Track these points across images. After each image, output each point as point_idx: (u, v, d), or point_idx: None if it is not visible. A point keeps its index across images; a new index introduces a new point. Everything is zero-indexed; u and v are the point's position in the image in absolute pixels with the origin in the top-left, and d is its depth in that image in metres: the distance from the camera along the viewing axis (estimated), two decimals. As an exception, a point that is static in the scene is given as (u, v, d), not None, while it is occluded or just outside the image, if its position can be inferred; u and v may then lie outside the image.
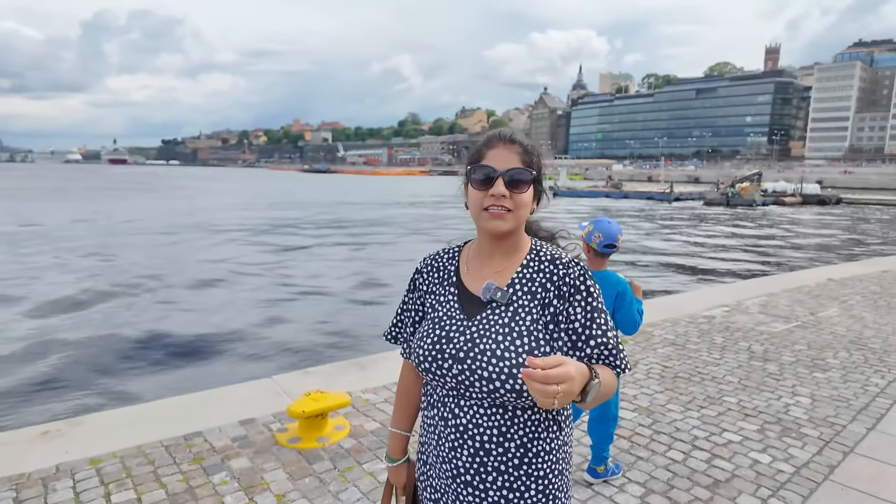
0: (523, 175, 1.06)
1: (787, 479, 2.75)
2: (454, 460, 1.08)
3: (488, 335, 1.05)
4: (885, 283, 7.82)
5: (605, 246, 2.51)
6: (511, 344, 1.03)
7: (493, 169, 1.05)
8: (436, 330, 1.10)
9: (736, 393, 3.85)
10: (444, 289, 1.16)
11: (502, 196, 1.04)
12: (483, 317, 1.07)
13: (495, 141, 1.09)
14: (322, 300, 10.40)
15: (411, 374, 1.27)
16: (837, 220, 29.52)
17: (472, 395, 1.05)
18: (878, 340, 5.08)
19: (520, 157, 1.07)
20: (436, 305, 1.15)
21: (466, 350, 1.04)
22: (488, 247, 1.13)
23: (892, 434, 3.26)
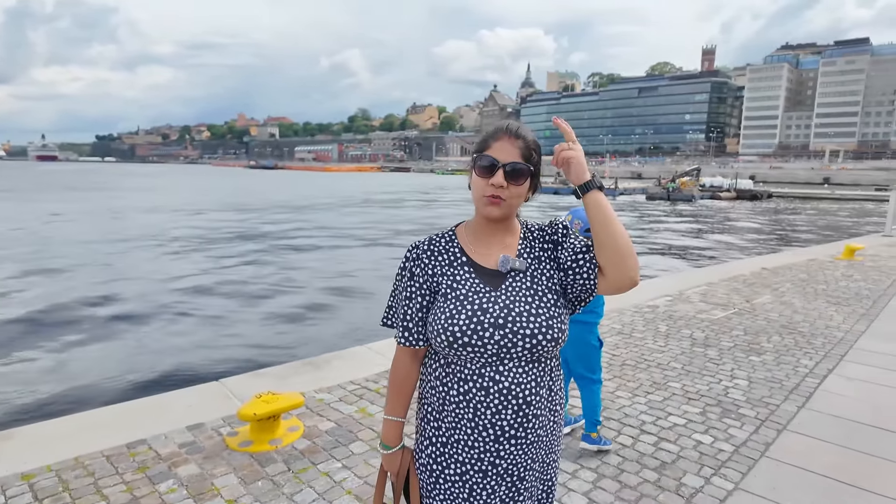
0: (522, 169, 1.17)
1: (728, 458, 2.90)
2: (499, 423, 1.17)
3: (519, 299, 1.18)
4: (811, 270, 8.36)
5: (585, 231, 2.66)
6: (540, 301, 1.19)
7: (496, 160, 1.16)
8: (467, 305, 1.18)
9: (680, 378, 4.03)
10: (457, 269, 1.24)
11: (501, 186, 1.16)
12: (507, 285, 1.20)
13: (501, 134, 1.20)
14: (272, 302, 10.14)
15: (410, 361, 1.30)
16: (769, 213, 31.31)
17: (511, 357, 1.16)
18: (806, 324, 5.42)
19: (521, 152, 1.18)
20: (454, 285, 1.22)
21: (504, 315, 1.16)
22: (489, 228, 1.25)
23: (819, 411, 3.49)
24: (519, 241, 1.28)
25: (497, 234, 1.26)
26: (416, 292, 1.25)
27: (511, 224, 1.27)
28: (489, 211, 1.19)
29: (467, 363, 1.18)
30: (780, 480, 2.70)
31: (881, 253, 10.01)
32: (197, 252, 15.38)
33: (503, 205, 1.18)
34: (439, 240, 1.28)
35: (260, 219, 24.96)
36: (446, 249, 1.27)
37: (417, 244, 1.28)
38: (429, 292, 1.24)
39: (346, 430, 3.15)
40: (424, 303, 1.24)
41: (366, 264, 14.23)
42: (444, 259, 1.25)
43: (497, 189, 1.16)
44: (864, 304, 6.20)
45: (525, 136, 1.19)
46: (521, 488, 1.24)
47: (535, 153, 1.20)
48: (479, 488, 1.22)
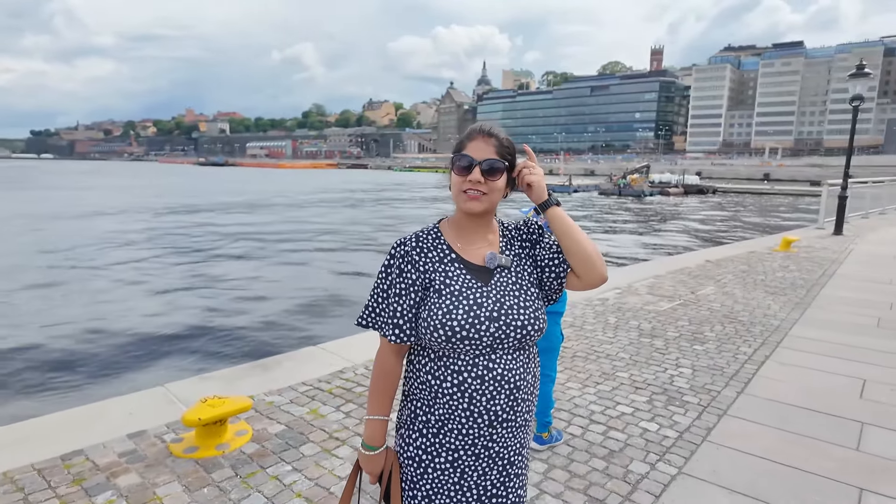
0: (497, 165, 1.26)
1: (672, 444, 3.01)
2: (493, 408, 1.25)
3: (508, 293, 1.28)
4: (751, 262, 8.77)
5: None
6: (526, 295, 1.29)
7: (472, 158, 1.25)
8: (463, 300, 1.25)
9: (628, 368, 4.15)
10: (447, 265, 1.30)
11: (478, 182, 1.24)
12: (496, 281, 1.29)
13: (476, 134, 1.29)
14: (212, 300, 9.85)
15: (396, 359, 1.33)
16: (714, 208, 32.67)
17: (504, 347, 1.25)
18: (745, 314, 5.68)
19: (495, 150, 1.27)
20: (447, 281, 1.27)
21: (498, 308, 1.25)
22: (471, 225, 1.33)
23: (756, 396, 3.67)
24: (500, 238, 1.37)
25: (480, 230, 1.33)
26: (408, 289, 1.28)
27: (491, 221, 1.36)
28: (470, 206, 1.26)
29: (461, 355, 1.24)
30: (720, 464, 2.81)
31: (814, 244, 10.60)
32: (137, 253, 14.77)
33: (483, 199, 1.25)
34: (426, 236, 1.33)
35: (205, 220, 24.20)
36: (434, 246, 1.32)
37: (405, 241, 1.31)
38: (420, 289, 1.28)
39: (297, 432, 3.09)
40: (417, 299, 1.28)
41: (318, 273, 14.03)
42: (434, 256, 1.30)
43: (475, 185, 1.24)
44: (799, 294, 6.55)
45: (498, 135, 1.28)
46: (511, 473, 1.33)
47: (509, 151, 1.29)
48: (471, 470, 1.29)
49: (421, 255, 1.29)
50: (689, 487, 2.61)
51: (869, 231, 12.62)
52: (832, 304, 6.04)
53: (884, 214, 16.20)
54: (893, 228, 13.33)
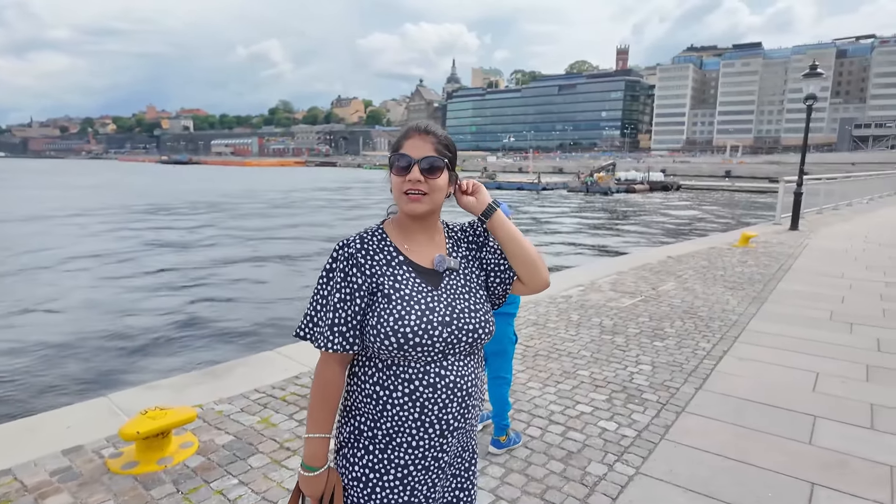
0: (437, 162, 1.21)
1: (630, 443, 2.99)
2: (445, 416, 1.20)
3: (459, 296, 1.25)
4: (712, 257, 8.94)
5: None
6: (476, 297, 1.27)
7: (410, 157, 1.20)
8: (414, 305, 1.19)
9: (588, 366, 4.14)
10: (395, 269, 1.24)
11: (418, 181, 1.19)
12: (446, 284, 1.25)
13: (412, 132, 1.24)
14: (165, 303, 9.53)
15: (340, 369, 1.24)
16: (678, 204, 33.40)
17: (455, 353, 1.21)
18: (705, 309, 5.76)
19: (433, 147, 1.22)
20: (396, 285, 1.21)
21: (449, 312, 1.21)
22: (415, 226, 1.27)
23: (714, 391, 3.70)
24: (446, 239, 1.33)
25: (425, 232, 1.29)
26: (353, 293, 1.20)
27: (436, 222, 1.32)
28: (412, 207, 1.21)
29: (412, 362, 1.19)
30: (677, 462, 2.81)
31: (771, 240, 10.89)
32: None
33: (425, 199, 1.21)
34: (370, 238, 1.26)
35: (160, 223, 23.51)
36: (380, 248, 1.26)
37: (349, 242, 1.24)
38: (367, 294, 1.21)
39: (246, 442, 2.96)
40: (363, 305, 1.21)
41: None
42: (381, 259, 1.24)
43: (415, 184, 1.19)
44: (756, 288, 6.69)
45: (436, 132, 1.24)
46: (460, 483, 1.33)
47: (448, 148, 1.25)
48: (421, 485, 1.23)
49: (367, 258, 1.22)
50: (645, 488, 2.59)
51: (823, 226, 13.06)
52: (787, 298, 6.18)
53: (836, 210, 16.80)
54: (845, 223, 13.83)
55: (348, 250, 1.23)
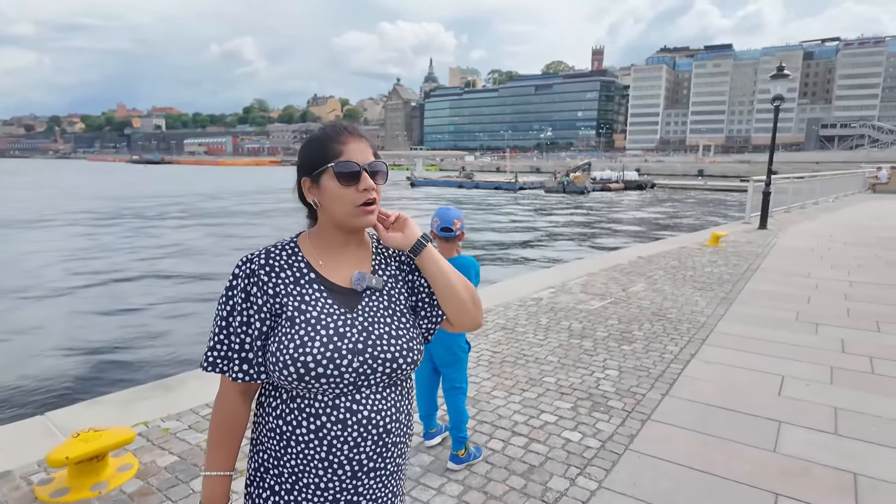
0: (381, 167, 1.12)
1: (594, 455, 2.90)
2: (357, 457, 1.07)
3: (378, 320, 1.10)
4: (682, 257, 8.98)
5: (441, 229, 2.63)
6: (399, 322, 1.11)
7: (358, 164, 1.08)
8: (320, 330, 1.05)
9: (555, 372, 4.05)
10: (304, 287, 1.10)
11: (373, 188, 1.09)
12: (364, 305, 1.10)
13: (346, 136, 1.10)
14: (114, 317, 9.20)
15: (242, 400, 1.13)
16: (652, 203, 33.82)
17: (370, 384, 1.07)
18: (674, 310, 5.74)
19: (372, 150, 1.12)
20: (302, 306, 1.07)
21: (364, 339, 1.06)
22: (339, 240, 1.14)
23: (680, 397, 3.64)
24: (372, 255, 1.19)
25: (349, 246, 1.16)
26: (254, 316, 1.07)
27: (363, 236, 1.19)
28: (367, 220, 1.11)
29: (318, 395, 1.05)
30: (641, 474, 2.73)
31: (740, 239, 11.01)
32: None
33: (375, 209, 1.12)
34: (279, 253, 1.12)
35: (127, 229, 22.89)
36: (289, 264, 1.11)
37: (251, 258, 1.10)
38: (269, 316, 1.08)
39: (190, 463, 2.78)
40: (265, 329, 1.08)
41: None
42: (288, 276, 1.10)
43: (371, 192, 1.09)
44: (725, 289, 6.71)
45: (366, 135, 1.13)
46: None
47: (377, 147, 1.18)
48: None
49: (272, 276, 1.09)
50: (608, 503, 2.50)
51: (790, 224, 13.28)
52: (755, 299, 6.21)
53: (803, 209, 17.14)
54: (812, 222, 14.10)
55: (250, 266, 1.09)
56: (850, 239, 10.89)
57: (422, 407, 2.97)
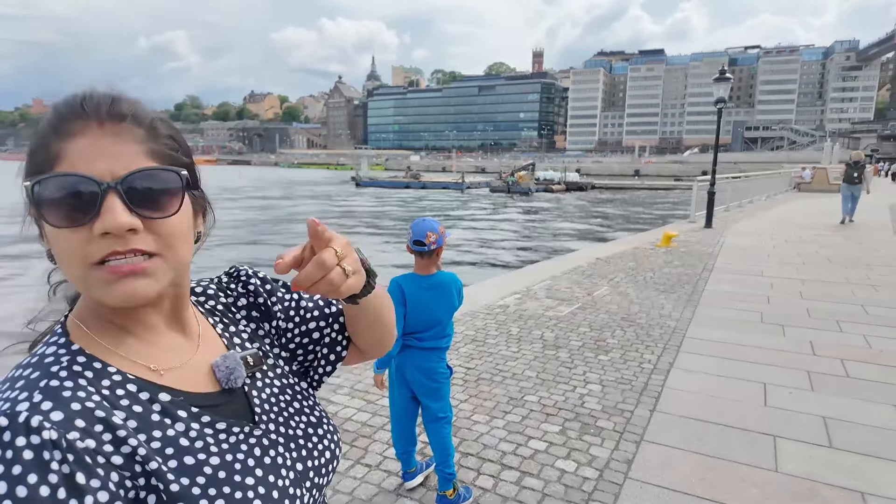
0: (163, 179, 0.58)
1: (593, 488, 2.63)
2: None
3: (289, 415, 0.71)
4: (638, 258, 9.00)
5: (413, 242, 2.32)
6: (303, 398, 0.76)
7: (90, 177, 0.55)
8: (245, 482, 0.60)
9: (536, 390, 3.77)
10: (163, 426, 0.58)
11: (130, 230, 0.55)
12: (260, 404, 0.69)
13: (77, 120, 0.56)
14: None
15: None
16: (593, 203, 34.67)
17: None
18: (643, 315, 5.62)
19: (145, 147, 0.58)
20: (185, 461, 0.57)
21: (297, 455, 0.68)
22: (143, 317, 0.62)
23: (669, 413, 3.45)
24: (198, 313, 0.72)
25: (171, 318, 0.66)
26: None
27: (186, 294, 0.67)
28: (126, 293, 0.56)
29: None
30: (647, 508, 2.48)
31: (690, 238, 11.24)
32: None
33: (153, 269, 0.57)
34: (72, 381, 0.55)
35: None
36: (106, 397, 0.56)
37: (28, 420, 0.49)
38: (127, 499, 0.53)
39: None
40: None
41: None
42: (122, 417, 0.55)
43: (124, 239, 0.55)
44: (687, 290, 6.70)
45: (137, 114, 0.59)
46: None
47: (175, 143, 0.63)
48: None
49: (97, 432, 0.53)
50: (619, 548, 2.23)
51: (732, 223, 13.75)
52: (717, 300, 6.20)
53: (741, 207, 17.90)
54: (751, 220, 14.67)
55: (49, 436, 0.49)
56: (790, 236, 11.34)
57: (399, 444, 2.60)
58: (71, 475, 0.48)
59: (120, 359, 0.60)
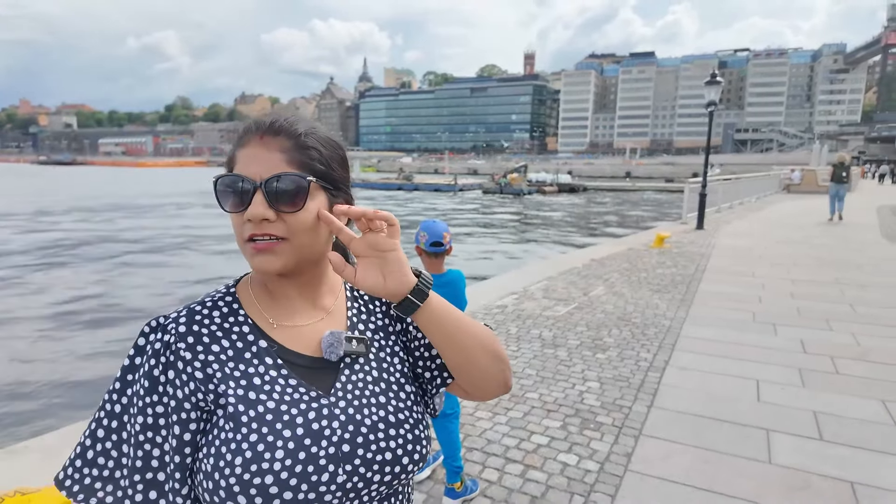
0: (294, 183, 0.71)
1: (595, 480, 2.72)
2: None
3: (368, 403, 0.75)
4: (632, 259, 9.14)
5: (431, 244, 2.44)
6: (398, 400, 0.77)
7: (246, 178, 0.71)
8: (283, 431, 0.68)
9: (536, 387, 3.87)
10: (250, 363, 0.72)
11: (265, 220, 0.70)
12: (346, 382, 0.75)
13: (250, 136, 0.73)
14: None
15: None
16: (586, 205, 34.88)
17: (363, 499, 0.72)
18: (637, 315, 5.74)
19: (286, 157, 0.72)
20: (250, 395, 0.70)
21: (351, 437, 0.71)
22: (286, 286, 0.78)
23: (666, 408, 3.55)
24: (347, 301, 0.83)
25: (305, 292, 0.79)
26: (170, 417, 0.69)
27: (325, 276, 0.80)
28: (260, 262, 0.72)
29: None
30: (647, 498, 2.57)
31: (682, 239, 11.40)
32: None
33: (281, 249, 0.71)
34: (209, 312, 0.75)
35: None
36: (226, 330, 0.74)
37: (164, 324, 0.72)
38: (197, 416, 0.69)
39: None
40: (187, 437, 0.69)
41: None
42: (225, 347, 0.72)
43: (261, 225, 0.70)
44: (680, 290, 6.82)
45: (291, 129, 0.73)
46: None
47: (319, 154, 0.74)
48: None
49: (197, 350, 0.71)
50: (621, 536, 2.32)
51: (724, 224, 13.94)
52: (711, 300, 6.33)
53: (731, 209, 18.12)
54: (742, 221, 14.88)
55: (164, 338, 0.71)
56: (780, 237, 11.53)
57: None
58: (160, 370, 0.70)
59: (255, 309, 0.78)
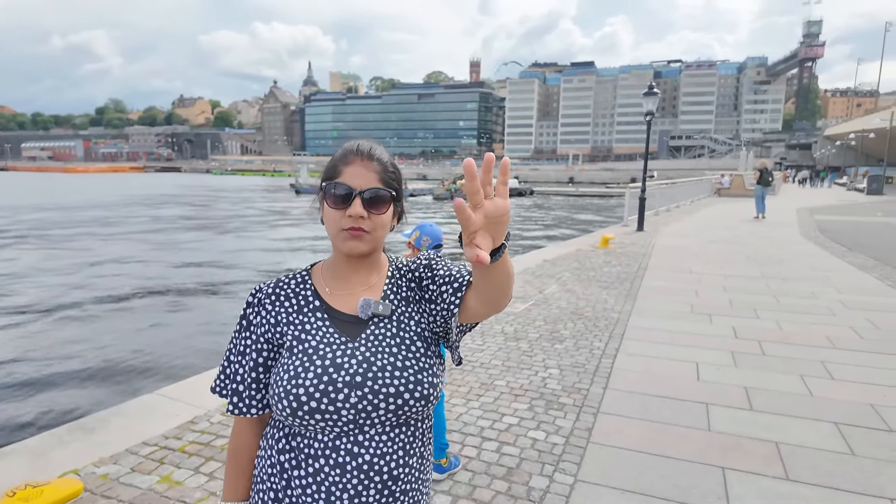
0: (383, 194, 1.03)
1: (562, 452, 3.06)
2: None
3: (382, 350, 1.01)
4: (580, 259, 9.69)
5: (434, 247, 2.75)
6: (407, 351, 1.02)
7: (351, 187, 1.02)
8: (316, 360, 0.99)
9: (503, 375, 4.20)
10: (307, 316, 1.06)
11: (360, 217, 1.01)
12: (369, 334, 1.03)
13: (353, 157, 1.05)
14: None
15: (247, 431, 1.10)
16: (535, 209, 35.89)
17: (374, 422, 0.98)
18: (589, 309, 6.19)
19: (378, 176, 1.04)
20: (302, 336, 1.03)
21: (364, 371, 0.98)
22: (349, 266, 1.09)
23: (619, 389, 3.95)
24: (386, 279, 1.12)
25: (360, 272, 1.10)
26: (250, 347, 1.06)
27: (377, 260, 1.12)
28: (352, 246, 1.03)
29: (318, 434, 0.98)
30: (608, 465, 2.93)
31: (625, 240, 12.12)
32: None
33: (366, 238, 1.03)
34: (288, 282, 1.11)
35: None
36: (296, 293, 1.09)
37: (261, 287, 1.10)
38: (268, 346, 1.06)
39: (148, 509, 2.50)
40: (261, 360, 1.06)
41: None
42: (293, 305, 1.07)
43: (357, 220, 1.01)
44: (626, 287, 7.36)
45: (381, 158, 1.06)
46: None
47: (395, 177, 1.08)
48: None
49: (276, 305, 1.08)
50: (588, 494, 2.66)
51: (662, 226, 14.87)
52: (653, 294, 6.89)
53: (668, 212, 19.27)
54: (678, 223, 15.90)
55: (258, 295, 1.09)
56: (713, 237, 12.46)
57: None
58: (253, 316, 1.08)
59: (320, 282, 1.11)
